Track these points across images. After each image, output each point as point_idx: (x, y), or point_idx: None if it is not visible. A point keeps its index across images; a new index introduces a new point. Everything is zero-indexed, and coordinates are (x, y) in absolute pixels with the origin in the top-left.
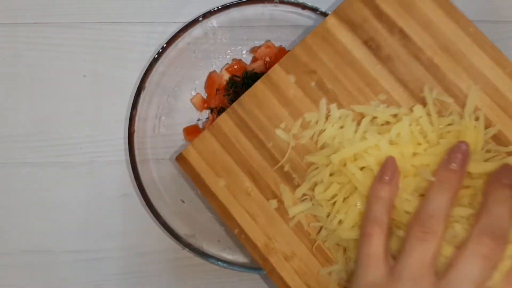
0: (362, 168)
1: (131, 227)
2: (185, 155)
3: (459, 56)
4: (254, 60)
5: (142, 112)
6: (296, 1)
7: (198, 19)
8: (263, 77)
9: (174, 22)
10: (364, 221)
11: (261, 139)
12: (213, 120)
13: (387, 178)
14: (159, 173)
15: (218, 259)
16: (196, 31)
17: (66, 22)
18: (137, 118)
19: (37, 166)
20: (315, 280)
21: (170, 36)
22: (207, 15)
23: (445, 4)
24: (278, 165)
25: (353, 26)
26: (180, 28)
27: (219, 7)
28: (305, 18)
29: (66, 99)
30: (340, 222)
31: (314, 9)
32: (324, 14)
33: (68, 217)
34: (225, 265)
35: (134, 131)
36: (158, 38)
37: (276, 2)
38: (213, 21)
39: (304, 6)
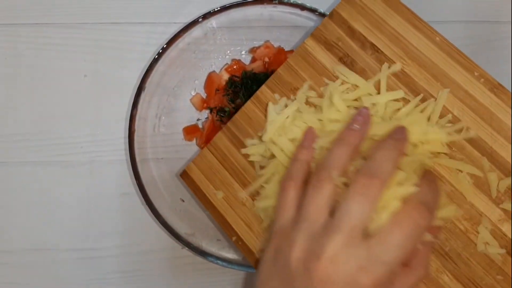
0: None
1: (131, 226)
2: (188, 171)
3: (428, 65)
4: (253, 60)
5: (142, 111)
6: (294, 2)
7: (198, 19)
8: (252, 97)
9: (174, 23)
10: (282, 179)
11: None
12: (213, 119)
13: (305, 144)
14: (159, 172)
15: (218, 258)
16: (196, 31)
17: (67, 23)
18: (137, 118)
19: (37, 166)
20: None
21: (171, 37)
22: (207, 15)
23: (412, 18)
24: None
25: (329, 46)
26: (180, 29)
27: (219, 8)
28: (304, 19)
29: (66, 98)
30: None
31: (312, 10)
32: (323, 15)
33: (68, 216)
34: (225, 263)
35: (134, 131)
36: (158, 38)
37: (275, 3)
38: (213, 21)
39: (302, 7)
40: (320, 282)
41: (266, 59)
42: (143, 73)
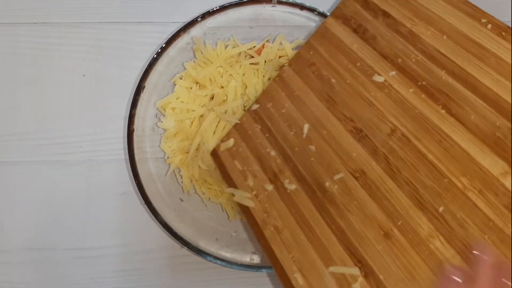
0: None
1: (130, 225)
2: (216, 150)
3: (435, 20)
4: None
5: (141, 111)
6: (294, 2)
7: (197, 19)
8: (276, 77)
9: (173, 22)
10: None
11: (269, 127)
12: None
13: None
14: (158, 171)
15: (216, 258)
16: (195, 31)
17: (66, 22)
18: (136, 117)
19: (37, 165)
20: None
21: (170, 36)
22: (205, 15)
23: None
24: None
25: (346, 20)
26: (179, 28)
27: (218, 8)
28: (303, 19)
29: (65, 98)
30: None
31: (312, 10)
32: (322, 15)
33: (68, 215)
34: (223, 263)
35: (133, 130)
36: (157, 37)
37: (274, 3)
38: (212, 21)
39: (302, 7)
40: None
41: None
42: (142, 72)
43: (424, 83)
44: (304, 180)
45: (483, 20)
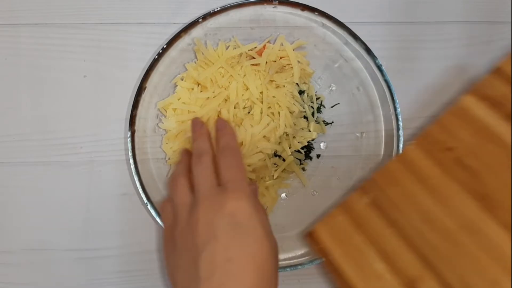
0: None
1: (131, 226)
2: (317, 232)
3: None
4: None
5: (142, 112)
6: (295, 2)
7: (198, 20)
8: (398, 156)
9: (174, 23)
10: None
11: (394, 219)
12: None
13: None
14: (159, 172)
15: None
16: (196, 32)
17: (67, 23)
18: (137, 118)
19: (37, 166)
20: None
21: (171, 37)
22: (207, 16)
23: None
24: None
25: (493, 102)
26: (180, 29)
27: (219, 9)
28: (304, 19)
29: (66, 99)
30: None
31: (313, 10)
32: (323, 15)
33: (68, 216)
34: None
35: (134, 131)
36: (158, 38)
37: (275, 4)
38: (213, 22)
39: (303, 7)
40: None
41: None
42: (143, 73)
43: None
44: None
45: None
